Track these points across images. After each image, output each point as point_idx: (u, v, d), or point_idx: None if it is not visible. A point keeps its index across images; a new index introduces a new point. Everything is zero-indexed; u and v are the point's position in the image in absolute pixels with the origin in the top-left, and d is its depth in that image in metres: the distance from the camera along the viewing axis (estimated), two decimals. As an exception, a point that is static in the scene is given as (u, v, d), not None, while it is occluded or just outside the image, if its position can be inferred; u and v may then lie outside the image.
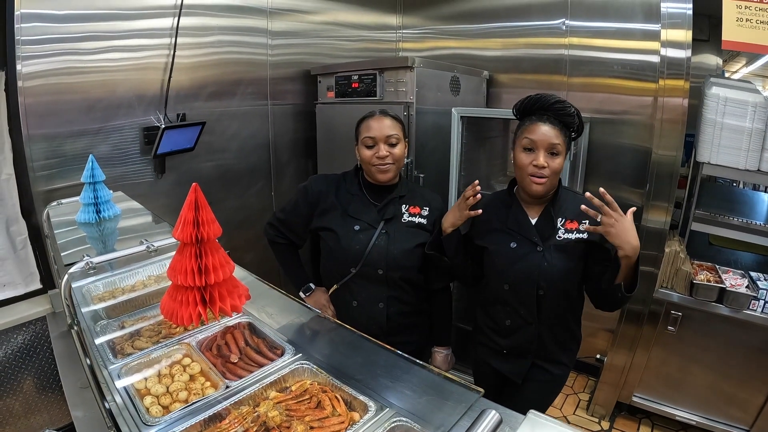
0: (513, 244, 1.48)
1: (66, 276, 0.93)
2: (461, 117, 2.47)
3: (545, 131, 1.38)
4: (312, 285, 1.80)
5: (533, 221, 1.49)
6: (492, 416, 0.75)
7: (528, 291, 1.47)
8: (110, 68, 2.12)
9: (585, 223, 1.42)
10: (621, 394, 2.54)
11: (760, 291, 2.10)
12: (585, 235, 1.43)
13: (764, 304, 2.09)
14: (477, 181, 1.43)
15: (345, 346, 1.28)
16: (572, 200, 1.49)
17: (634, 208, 1.32)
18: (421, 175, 2.49)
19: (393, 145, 1.60)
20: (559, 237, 1.45)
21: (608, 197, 1.28)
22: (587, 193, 1.32)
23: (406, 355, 1.15)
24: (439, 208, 1.70)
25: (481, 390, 0.95)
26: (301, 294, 1.79)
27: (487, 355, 1.66)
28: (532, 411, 0.84)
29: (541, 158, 1.38)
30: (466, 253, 1.61)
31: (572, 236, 1.44)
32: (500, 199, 1.58)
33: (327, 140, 2.90)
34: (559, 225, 1.46)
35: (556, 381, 1.61)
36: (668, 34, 2.10)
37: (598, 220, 1.30)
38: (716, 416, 2.34)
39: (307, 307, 1.46)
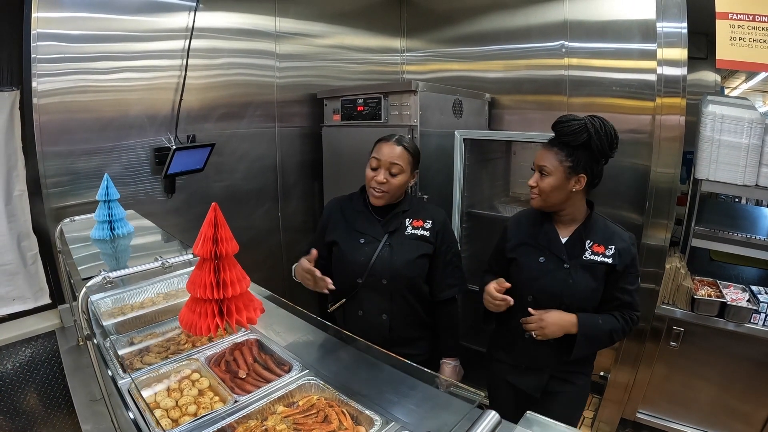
0: (541, 259, 1.54)
1: (84, 289, 0.96)
2: (464, 139, 2.52)
3: (541, 154, 1.51)
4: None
5: (563, 240, 1.54)
6: (491, 417, 0.78)
7: (551, 305, 1.51)
8: (123, 88, 2.19)
9: (611, 249, 1.49)
10: (625, 410, 2.53)
11: (761, 304, 2.11)
12: (610, 260, 1.48)
13: (765, 318, 2.10)
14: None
15: (351, 363, 1.29)
16: (602, 226, 1.55)
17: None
18: (425, 197, 2.53)
19: (394, 175, 1.65)
20: (586, 257, 1.50)
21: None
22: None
23: (413, 364, 1.16)
24: (442, 222, 1.74)
25: (481, 393, 0.97)
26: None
27: (504, 371, 1.69)
28: (529, 412, 0.87)
29: (532, 179, 1.53)
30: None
31: (598, 258, 1.50)
32: (533, 215, 1.63)
33: (333, 162, 2.94)
34: (587, 246, 1.51)
35: (581, 391, 1.65)
36: (664, 53, 2.15)
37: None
38: (721, 431, 2.32)
39: (314, 324, 1.47)
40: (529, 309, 1.51)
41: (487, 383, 1.81)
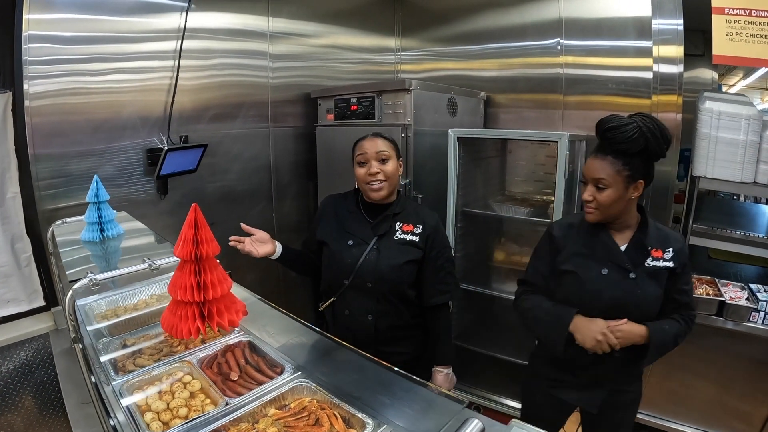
0: (604, 271, 1.46)
1: (71, 292, 0.95)
2: (458, 138, 2.51)
3: (594, 165, 1.41)
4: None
5: (622, 248, 1.47)
6: (474, 424, 0.78)
7: (618, 318, 1.42)
8: (115, 89, 2.18)
9: (669, 251, 1.43)
10: (624, 410, 2.52)
11: (760, 303, 2.10)
12: (671, 263, 1.43)
13: (764, 316, 2.09)
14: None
15: (344, 365, 1.28)
16: (655, 229, 1.48)
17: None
18: (420, 196, 2.52)
19: (384, 161, 1.64)
20: (648, 264, 1.44)
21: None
22: None
23: (405, 372, 1.16)
24: (433, 226, 1.71)
25: (465, 400, 0.96)
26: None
27: (556, 389, 1.62)
28: (514, 420, 0.86)
29: (587, 193, 1.43)
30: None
31: (660, 263, 1.43)
32: (582, 224, 1.54)
33: (327, 162, 2.93)
34: (649, 252, 1.45)
35: (635, 396, 1.61)
36: (660, 50, 2.15)
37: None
38: (720, 430, 2.31)
39: (306, 326, 1.46)
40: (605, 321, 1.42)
41: (524, 398, 1.77)
